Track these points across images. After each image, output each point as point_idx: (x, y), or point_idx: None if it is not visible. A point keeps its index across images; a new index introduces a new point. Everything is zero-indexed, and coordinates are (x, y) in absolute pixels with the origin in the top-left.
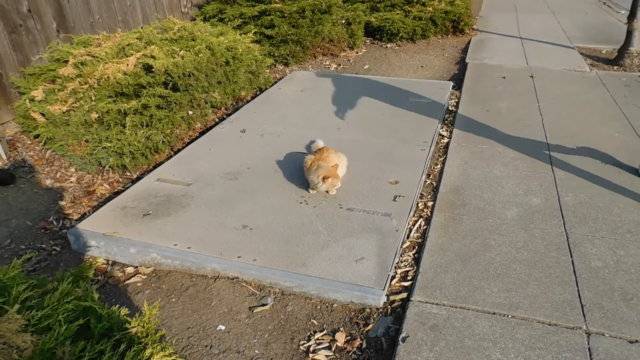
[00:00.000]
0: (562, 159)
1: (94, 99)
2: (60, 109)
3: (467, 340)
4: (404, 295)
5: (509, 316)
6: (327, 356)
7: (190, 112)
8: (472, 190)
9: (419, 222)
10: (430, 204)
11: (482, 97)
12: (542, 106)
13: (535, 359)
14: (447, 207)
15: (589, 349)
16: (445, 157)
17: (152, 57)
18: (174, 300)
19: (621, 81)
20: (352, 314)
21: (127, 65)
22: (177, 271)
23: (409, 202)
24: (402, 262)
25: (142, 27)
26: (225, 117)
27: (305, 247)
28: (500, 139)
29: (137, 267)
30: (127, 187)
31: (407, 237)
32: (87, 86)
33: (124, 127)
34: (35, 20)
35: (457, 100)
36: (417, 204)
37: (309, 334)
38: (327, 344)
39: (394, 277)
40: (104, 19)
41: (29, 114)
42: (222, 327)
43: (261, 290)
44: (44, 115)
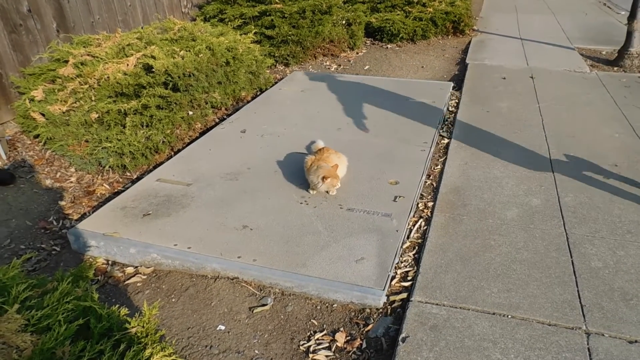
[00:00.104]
0: (562, 160)
1: (94, 99)
2: (60, 109)
3: (467, 340)
4: (404, 295)
5: (509, 316)
6: (327, 356)
7: (190, 113)
8: (472, 190)
9: (419, 223)
10: (430, 204)
11: (483, 98)
12: (542, 107)
13: (535, 359)
14: (447, 207)
15: (589, 349)
16: (445, 158)
17: (153, 57)
18: (174, 300)
19: (621, 82)
20: (352, 314)
21: (127, 65)
22: (177, 271)
23: (409, 202)
24: (402, 262)
25: (142, 27)
26: (225, 117)
27: (305, 247)
28: (500, 140)
29: (137, 267)
30: (127, 187)
31: (407, 238)
32: (87, 86)
33: (124, 127)
34: (35, 20)
35: (457, 100)
36: (417, 204)
37: (309, 334)
38: (327, 344)
39: (394, 278)
40: (104, 19)
41: (29, 113)
42: (222, 327)
43: (261, 290)
44: (43, 115)
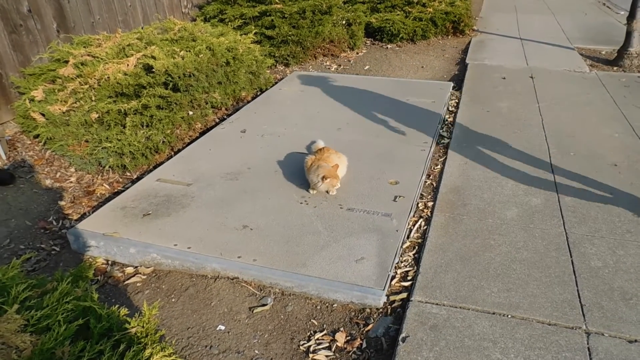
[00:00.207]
0: (562, 159)
1: (94, 99)
2: (60, 109)
3: (467, 340)
4: (404, 295)
5: (509, 316)
6: (327, 356)
7: (190, 113)
8: (472, 190)
9: (419, 223)
10: (430, 204)
11: (482, 98)
12: (542, 106)
13: (535, 358)
14: (447, 207)
15: (589, 349)
16: (445, 158)
17: (153, 57)
18: (173, 300)
19: (621, 82)
20: (352, 314)
21: (128, 65)
22: (177, 271)
23: (409, 202)
24: (402, 262)
25: (142, 28)
26: (225, 117)
27: (305, 247)
28: (500, 140)
29: (136, 267)
30: (127, 187)
31: (407, 237)
32: (87, 86)
33: (124, 127)
34: (35, 20)
35: (457, 100)
36: (417, 204)
37: (309, 334)
38: (327, 344)
39: (394, 277)
40: (105, 19)
41: (29, 114)
42: (222, 327)
43: (261, 290)
44: (43, 115)
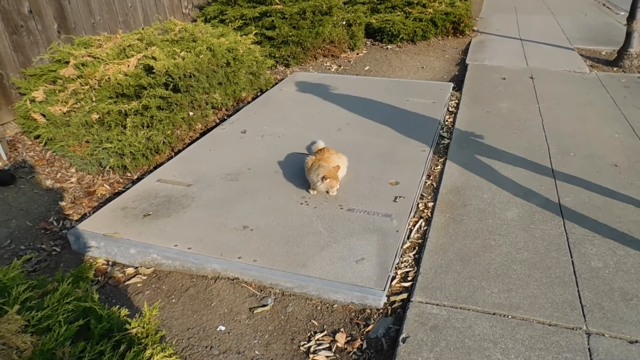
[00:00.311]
0: (562, 159)
1: (94, 99)
2: (60, 110)
3: (467, 340)
4: (405, 295)
5: (509, 316)
6: (327, 357)
7: (190, 113)
8: (472, 190)
9: (419, 223)
10: (430, 204)
11: (483, 98)
12: (542, 107)
13: (535, 359)
14: (448, 207)
15: (589, 350)
16: (445, 158)
17: (153, 58)
18: (174, 301)
19: (621, 82)
20: (353, 314)
21: (128, 66)
22: (177, 272)
23: (409, 202)
24: (402, 262)
25: (143, 28)
26: (225, 118)
27: (305, 247)
28: (500, 140)
29: (137, 267)
30: (128, 188)
31: (408, 238)
32: (87, 87)
33: (125, 127)
34: (36, 21)
35: (457, 101)
36: (418, 204)
37: (309, 334)
38: (328, 345)
39: (394, 278)
40: (105, 20)
41: (30, 114)
42: (223, 328)
43: (261, 290)
44: (44, 116)
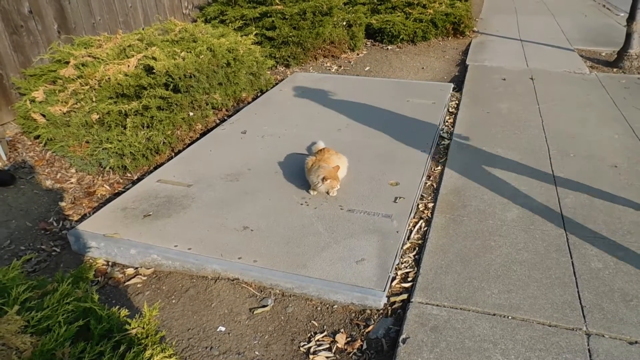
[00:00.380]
0: (562, 160)
1: (94, 100)
2: (60, 110)
3: (467, 341)
4: (405, 296)
5: (510, 317)
6: (327, 357)
7: (191, 114)
8: (472, 191)
9: (419, 224)
10: (430, 205)
11: (483, 99)
12: (542, 108)
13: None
14: (448, 208)
15: (589, 350)
16: (445, 159)
17: (153, 58)
18: (174, 301)
19: (621, 83)
20: (353, 315)
21: (128, 66)
22: (177, 272)
23: (409, 203)
24: (402, 263)
25: (143, 29)
26: (226, 118)
27: (305, 248)
28: (500, 140)
29: (137, 268)
30: (128, 188)
31: (408, 239)
32: (88, 87)
33: (125, 128)
34: (36, 21)
35: (457, 101)
36: (418, 205)
37: (309, 335)
38: (328, 345)
39: (394, 279)
40: (105, 20)
41: (30, 114)
42: (223, 329)
43: (261, 291)
44: (44, 116)
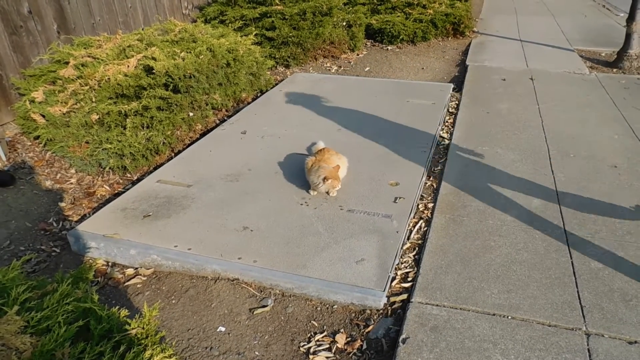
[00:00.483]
0: (562, 160)
1: (94, 100)
2: (60, 110)
3: (467, 341)
4: (405, 296)
5: (509, 317)
6: (327, 357)
7: (190, 114)
8: (472, 191)
9: (419, 224)
10: (430, 205)
11: (483, 99)
12: (542, 108)
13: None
14: (448, 208)
15: (589, 350)
16: (445, 159)
17: (153, 58)
18: (174, 301)
19: (620, 83)
20: (353, 315)
21: (128, 66)
22: (177, 272)
23: (409, 203)
24: (402, 263)
25: (143, 29)
26: (226, 118)
27: (305, 248)
28: (500, 141)
29: (137, 268)
30: (128, 189)
31: (408, 239)
32: (87, 87)
33: (125, 128)
34: (35, 21)
35: (457, 102)
36: (418, 205)
37: (309, 335)
38: (328, 346)
39: (394, 279)
40: (105, 20)
41: (29, 115)
42: (222, 329)
43: (261, 291)
44: (44, 116)
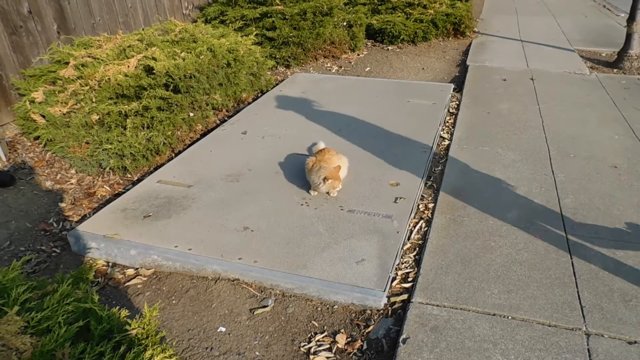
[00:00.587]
0: (562, 161)
1: (94, 100)
2: (60, 111)
3: (467, 341)
4: (405, 296)
5: (509, 317)
6: (327, 357)
7: (191, 114)
8: (472, 192)
9: (419, 224)
10: (431, 205)
11: (483, 99)
12: (543, 108)
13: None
14: (448, 208)
15: (589, 350)
16: (446, 159)
17: (153, 58)
18: (174, 302)
19: (621, 84)
20: (353, 315)
21: (128, 66)
22: (177, 273)
23: (409, 203)
24: (402, 263)
25: (143, 29)
26: (226, 118)
27: (306, 248)
28: (500, 141)
29: (137, 268)
30: (128, 189)
31: (408, 239)
32: (87, 88)
33: (125, 128)
34: (35, 21)
35: (458, 102)
36: (418, 205)
37: (309, 335)
38: (328, 346)
39: (394, 279)
40: (105, 20)
41: (29, 115)
42: (223, 329)
43: (262, 292)
44: (44, 116)
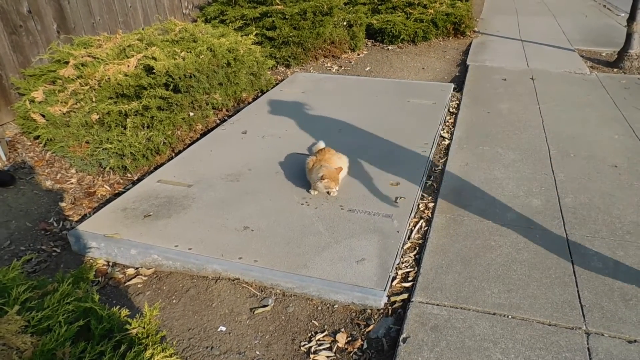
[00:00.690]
0: (562, 160)
1: (94, 100)
2: (60, 110)
3: (467, 340)
4: (405, 296)
5: (510, 317)
6: (328, 357)
7: (191, 114)
8: (473, 191)
9: (420, 223)
10: (431, 205)
11: (483, 99)
12: (543, 108)
13: (535, 359)
14: (448, 208)
15: (589, 349)
16: (446, 159)
17: (153, 58)
18: (174, 301)
19: (621, 83)
20: (353, 314)
21: (128, 66)
22: (178, 272)
23: (410, 203)
24: (403, 263)
25: (143, 29)
26: (226, 118)
27: (306, 248)
28: (501, 141)
29: (137, 268)
30: (128, 189)
31: (408, 238)
32: (87, 87)
33: (125, 128)
34: (35, 21)
35: (458, 102)
36: (418, 205)
37: (310, 335)
38: (328, 345)
39: (395, 278)
40: (105, 20)
41: (29, 115)
42: (223, 328)
43: (262, 291)
44: (44, 116)
